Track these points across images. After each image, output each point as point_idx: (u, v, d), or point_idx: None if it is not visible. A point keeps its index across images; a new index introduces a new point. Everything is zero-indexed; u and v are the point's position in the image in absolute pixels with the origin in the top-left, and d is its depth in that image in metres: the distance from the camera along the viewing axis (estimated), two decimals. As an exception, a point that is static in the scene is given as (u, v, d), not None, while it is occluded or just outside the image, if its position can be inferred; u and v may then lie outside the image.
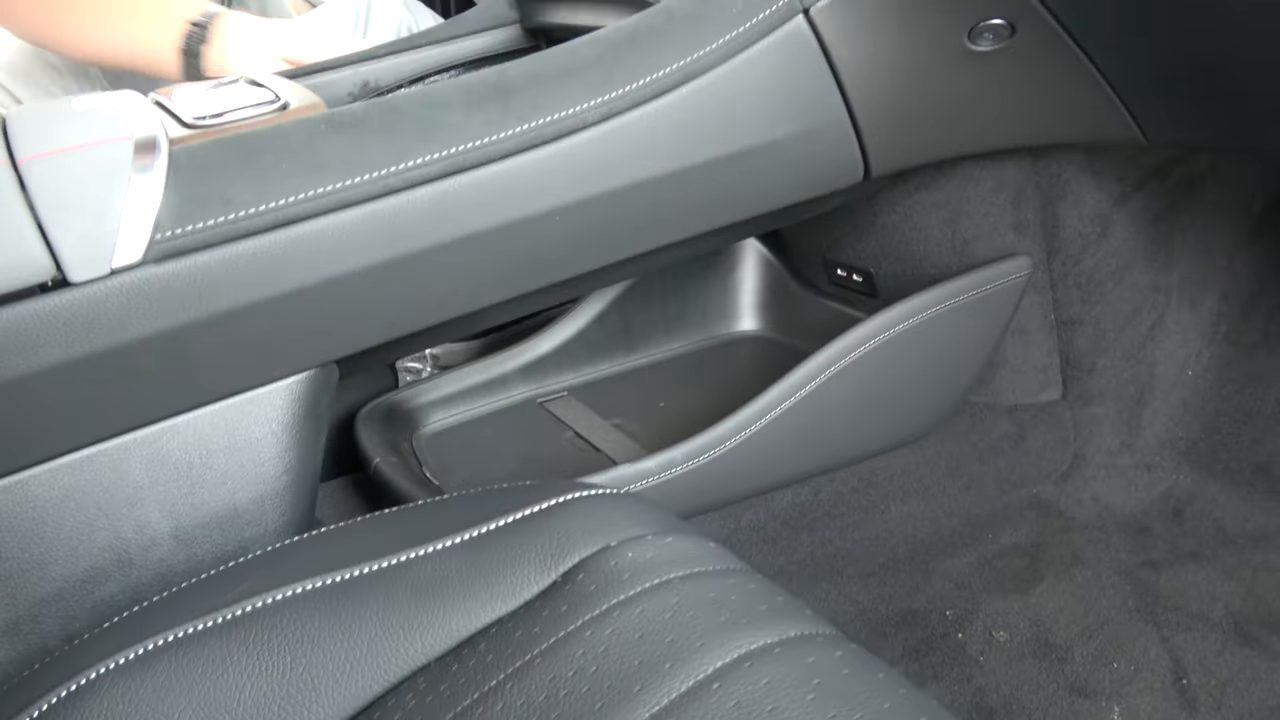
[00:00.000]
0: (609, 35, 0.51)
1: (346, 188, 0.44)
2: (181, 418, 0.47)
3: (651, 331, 0.86)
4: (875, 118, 0.57)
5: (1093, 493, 0.79)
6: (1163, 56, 0.50)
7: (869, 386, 0.70)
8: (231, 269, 0.43)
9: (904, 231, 0.74)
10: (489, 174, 0.47)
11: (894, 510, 0.74)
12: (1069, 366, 0.77)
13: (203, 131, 0.44)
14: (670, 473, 0.63)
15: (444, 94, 0.47)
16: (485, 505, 0.44)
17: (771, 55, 0.52)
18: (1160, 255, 0.75)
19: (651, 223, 0.55)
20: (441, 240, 0.47)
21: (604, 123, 0.49)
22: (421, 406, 0.75)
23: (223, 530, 0.50)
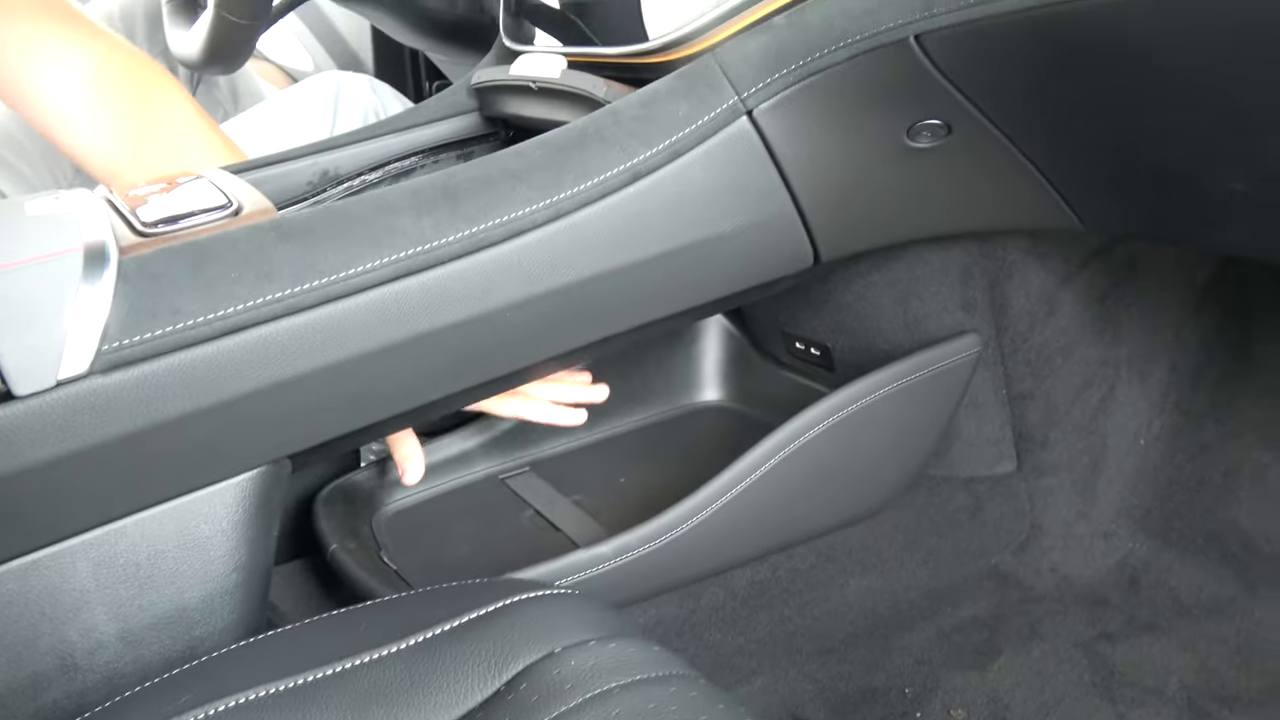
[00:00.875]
0: (557, 138, 0.52)
1: (295, 294, 0.44)
2: (129, 519, 0.47)
3: (613, 404, 0.87)
4: (821, 209, 0.59)
5: (1050, 562, 0.80)
6: (1091, 158, 0.52)
7: (826, 463, 0.71)
8: (180, 377, 0.43)
9: (858, 309, 0.76)
10: (437, 276, 0.48)
11: (853, 585, 0.74)
12: (1022, 439, 0.79)
13: (153, 239, 0.45)
14: (627, 556, 0.63)
15: (393, 198, 0.48)
16: (432, 607, 0.44)
17: (717, 155, 0.53)
18: (1108, 330, 0.77)
19: (602, 314, 0.56)
20: (390, 341, 0.48)
21: (552, 223, 0.50)
22: (382, 486, 0.75)
23: (171, 631, 0.50)
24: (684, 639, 0.68)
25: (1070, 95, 0.48)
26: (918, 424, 0.74)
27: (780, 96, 0.52)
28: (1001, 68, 0.48)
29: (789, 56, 0.51)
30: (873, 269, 0.73)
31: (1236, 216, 0.52)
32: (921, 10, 0.46)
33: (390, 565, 0.66)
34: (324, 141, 0.67)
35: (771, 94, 0.52)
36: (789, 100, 0.53)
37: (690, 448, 0.85)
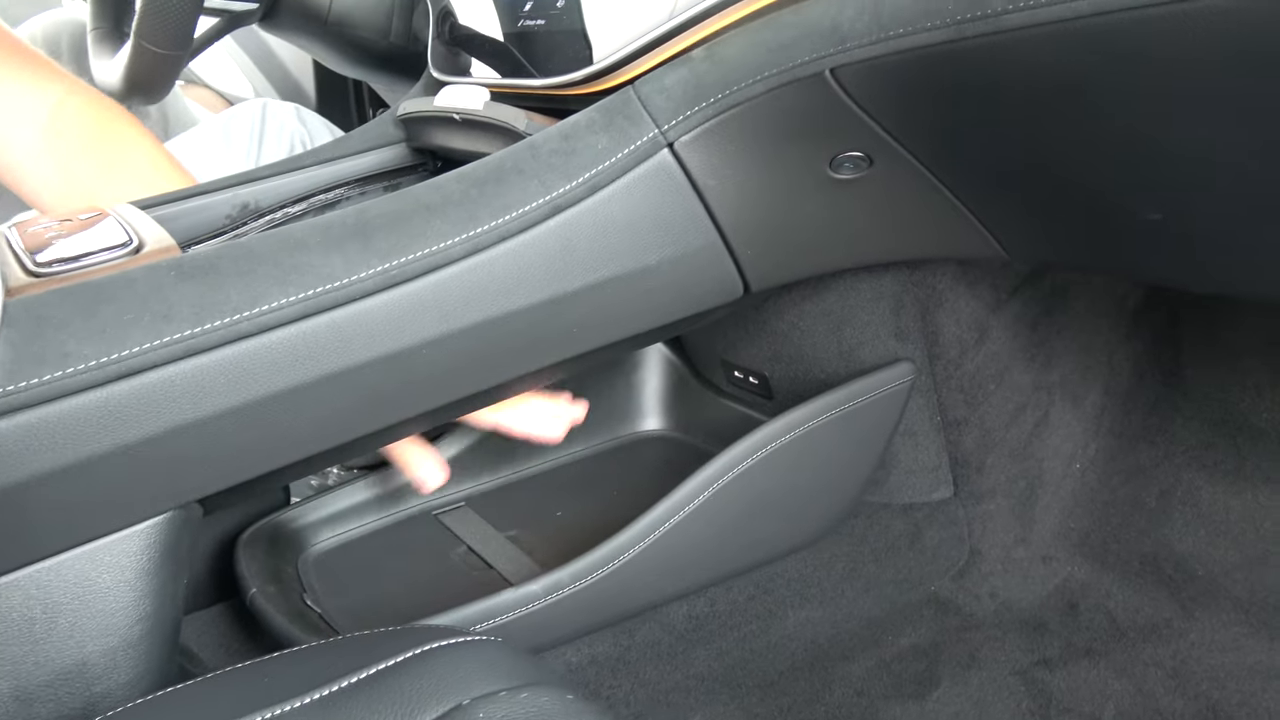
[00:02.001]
0: (474, 172, 0.51)
1: (196, 335, 0.43)
2: (21, 572, 0.45)
3: (553, 435, 0.86)
4: (747, 240, 0.58)
5: (990, 588, 0.80)
6: (1008, 188, 0.52)
7: (764, 493, 0.70)
8: (72, 423, 0.41)
9: (793, 338, 0.76)
10: (348, 314, 0.47)
11: (792, 617, 0.74)
12: (959, 465, 0.79)
13: (45, 280, 0.43)
14: (559, 594, 0.62)
15: (301, 234, 0.47)
16: (340, 659, 0.43)
17: (639, 187, 0.53)
18: (1040, 356, 0.77)
19: (525, 349, 0.55)
20: (300, 381, 0.46)
21: (469, 258, 0.49)
22: (309, 526, 0.73)
23: (70, 688, 0.47)
24: (619, 677, 0.67)
25: (982, 127, 0.48)
26: (854, 452, 0.74)
27: (701, 129, 0.52)
28: (915, 101, 0.48)
29: (707, 90, 0.51)
30: (806, 298, 0.73)
31: (1154, 246, 0.52)
32: (835, 45, 0.46)
33: (314, 609, 0.64)
34: (244, 174, 0.65)
35: (692, 126, 0.52)
36: (710, 133, 0.52)
37: (631, 479, 0.84)
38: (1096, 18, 0.37)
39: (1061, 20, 0.38)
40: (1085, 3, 0.37)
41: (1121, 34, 0.37)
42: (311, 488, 0.83)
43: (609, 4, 0.57)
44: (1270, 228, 0.43)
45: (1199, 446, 0.77)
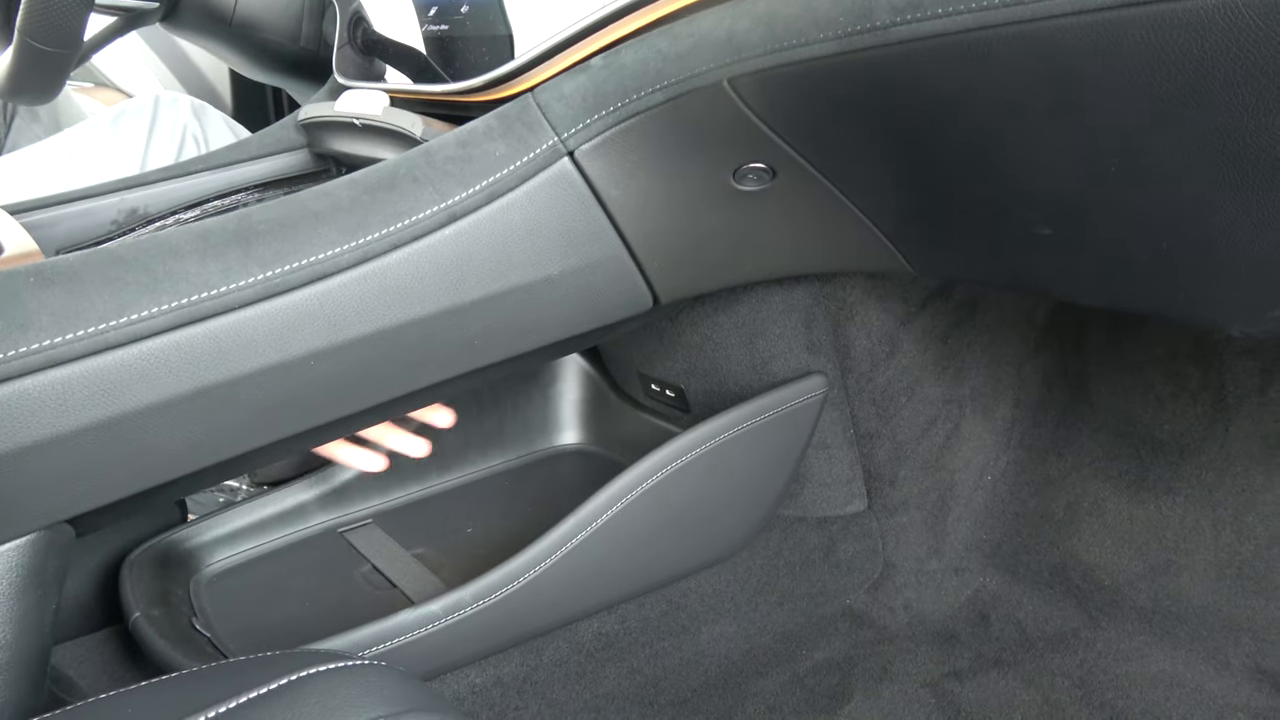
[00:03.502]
0: (366, 178, 0.50)
1: (56, 345, 0.41)
2: None
3: (466, 450, 0.84)
4: (654, 252, 0.58)
5: (904, 600, 0.80)
6: (906, 201, 0.52)
7: (676, 506, 0.69)
8: (-87, 439, 0.39)
9: (707, 350, 0.75)
10: (228, 323, 0.45)
11: (705, 632, 0.73)
12: (872, 478, 0.79)
13: (-111, 286, 0.40)
14: (460, 614, 0.60)
15: (176, 241, 0.44)
16: (212, 685, 0.40)
17: (539, 196, 0.52)
18: (950, 369, 0.78)
19: (424, 360, 0.53)
20: (175, 394, 0.44)
21: (358, 266, 0.48)
22: (205, 544, 0.70)
23: (-82, 723, 0.44)
24: (525, 698, 0.65)
25: (875, 140, 0.48)
26: (768, 465, 0.74)
27: (601, 138, 0.51)
28: (813, 112, 0.48)
29: (607, 98, 0.50)
30: (719, 310, 0.73)
31: (1047, 261, 0.53)
32: (731, 55, 0.46)
33: (203, 633, 0.61)
34: (133, 177, 0.63)
35: (592, 135, 0.51)
36: (610, 142, 0.51)
37: (547, 493, 0.83)
38: (978, 32, 0.37)
39: (945, 34, 0.38)
40: (969, 17, 0.38)
41: (1001, 49, 0.37)
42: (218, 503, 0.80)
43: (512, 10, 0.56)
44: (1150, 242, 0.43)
45: (1104, 458, 0.79)
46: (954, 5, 0.38)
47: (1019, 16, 0.36)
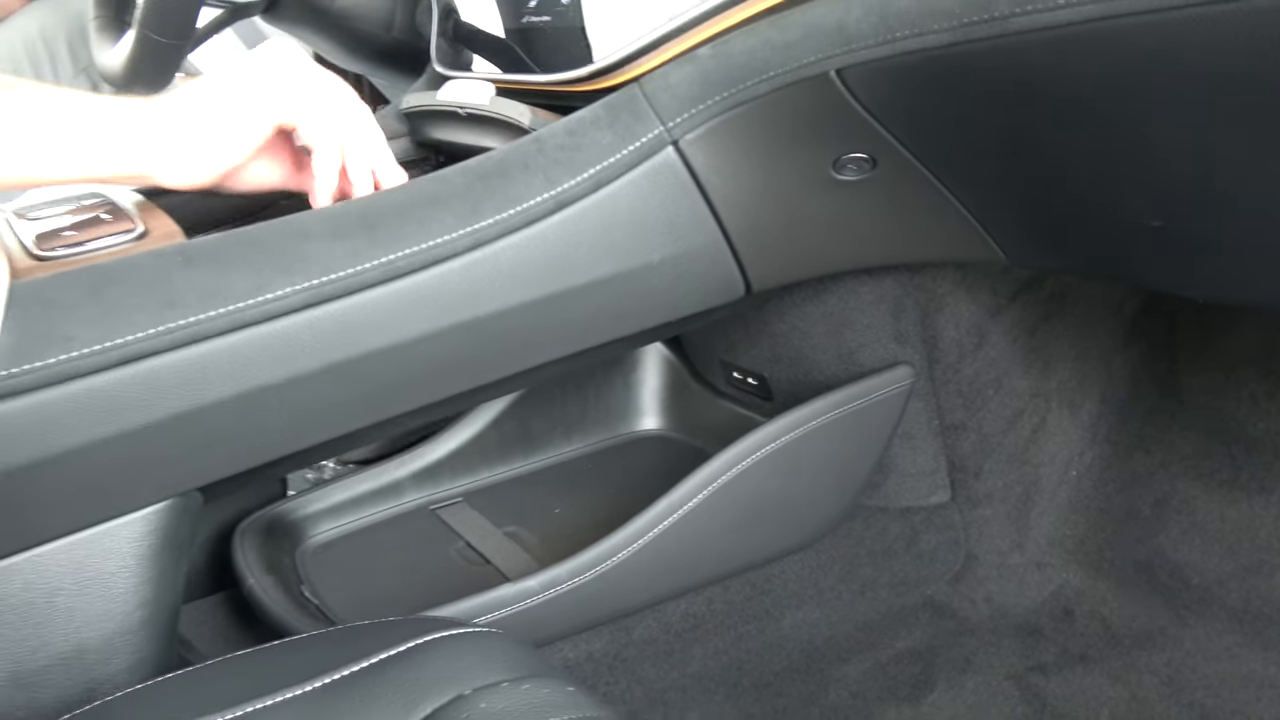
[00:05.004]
0: (479, 165, 0.51)
1: (199, 321, 0.43)
2: (21, 556, 0.45)
3: (551, 433, 0.86)
4: (750, 240, 0.59)
5: (985, 593, 0.80)
6: (1010, 193, 0.53)
7: (761, 494, 0.70)
8: (75, 407, 0.41)
9: (793, 340, 0.76)
10: (352, 304, 0.47)
11: (789, 617, 0.74)
12: (956, 470, 0.79)
13: (50, 264, 0.43)
14: (555, 590, 0.62)
15: (307, 224, 0.47)
16: (340, 647, 0.43)
17: (643, 184, 0.53)
18: (1038, 362, 0.77)
19: (527, 344, 0.55)
20: (302, 371, 0.46)
21: (472, 251, 0.49)
22: (308, 517, 0.73)
23: (68, 672, 0.47)
24: (615, 674, 0.67)
25: (985, 131, 0.48)
26: (852, 454, 0.74)
27: (705, 127, 0.52)
28: (920, 103, 0.48)
29: (713, 87, 0.51)
30: (806, 300, 0.73)
31: (1154, 253, 0.52)
32: (841, 45, 0.46)
33: (312, 600, 0.64)
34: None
35: (697, 124, 0.52)
36: (714, 131, 0.52)
37: (628, 477, 0.84)
38: (1102, 22, 0.37)
39: (1067, 24, 0.39)
40: (1091, 7, 0.38)
41: (1126, 39, 0.37)
42: (308, 481, 0.83)
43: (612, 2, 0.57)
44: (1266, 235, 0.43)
45: (1195, 456, 0.77)
46: (1077, -6, 0.38)
47: (1147, 6, 0.36)
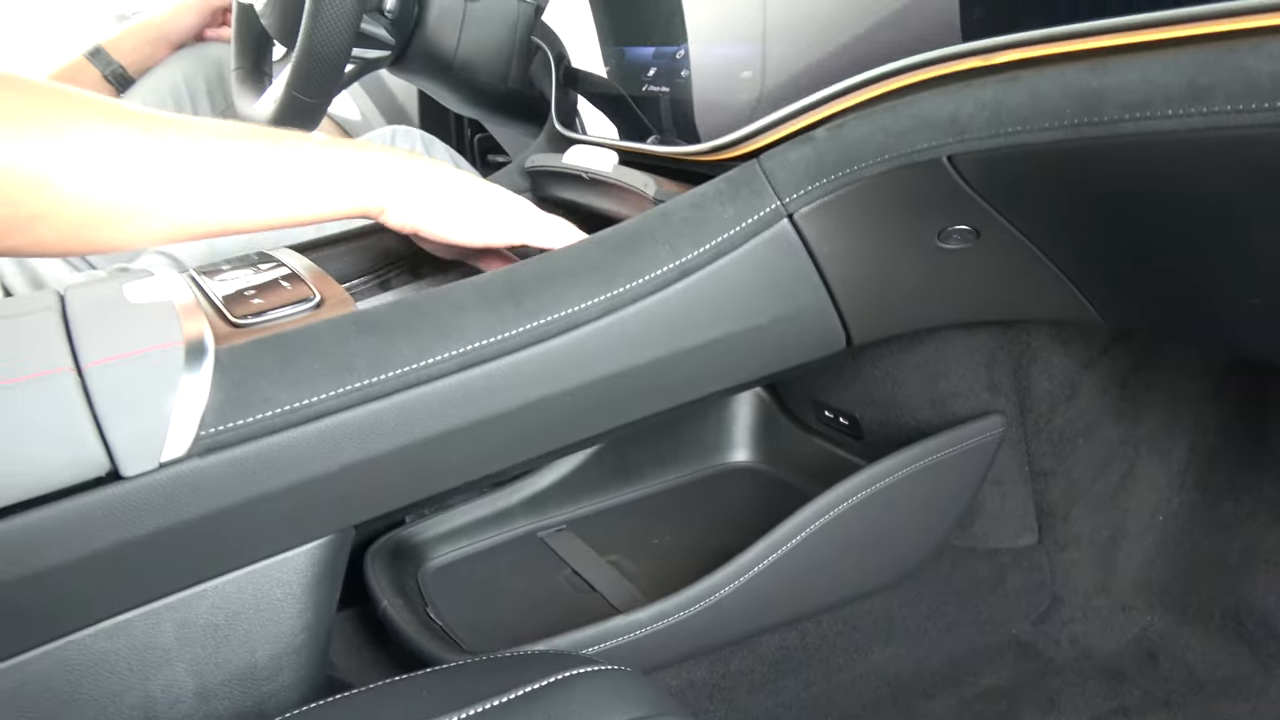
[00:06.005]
0: (612, 237, 0.56)
1: (372, 384, 0.49)
2: (211, 583, 0.51)
3: (648, 465, 0.91)
4: (854, 299, 0.62)
5: (1070, 634, 0.82)
6: (1113, 266, 0.55)
7: (855, 534, 0.74)
8: (267, 459, 0.47)
9: (887, 385, 0.79)
10: (500, 366, 0.52)
11: (877, 652, 0.77)
12: (1044, 514, 0.81)
13: (244, 330, 0.49)
14: (662, 623, 0.66)
15: (462, 296, 0.52)
16: (489, 678, 0.48)
17: (759, 253, 0.57)
18: (1128, 412, 0.79)
19: (645, 396, 0.60)
20: (456, 425, 0.52)
21: (605, 317, 0.54)
22: (427, 541, 0.79)
23: (242, 687, 0.53)
24: (714, 703, 0.71)
25: (1093, 215, 0.51)
26: (943, 498, 0.77)
27: (819, 202, 0.56)
28: (1028, 187, 0.51)
29: (828, 167, 0.55)
30: (903, 349, 0.77)
31: (1252, 324, 0.55)
32: (954, 135, 0.50)
33: (437, 622, 0.70)
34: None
35: (811, 200, 0.56)
36: (827, 205, 0.56)
37: (721, 508, 0.88)
38: (1210, 132, 0.40)
39: (1173, 132, 0.42)
40: (1199, 119, 0.41)
41: (1232, 149, 0.40)
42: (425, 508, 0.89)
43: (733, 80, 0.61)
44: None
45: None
46: (1185, 108, 0.41)
47: (1251, 122, 0.39)
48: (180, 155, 0.49)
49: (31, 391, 0.43)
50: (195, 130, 0.51)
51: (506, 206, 0.60)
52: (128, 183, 0.48)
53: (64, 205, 0.47)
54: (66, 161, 0.46)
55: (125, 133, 0.48)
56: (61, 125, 0.46)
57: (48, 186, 0.46)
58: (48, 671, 0.47)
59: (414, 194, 0.57)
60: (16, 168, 0.45)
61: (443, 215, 0.58)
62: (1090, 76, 0.44)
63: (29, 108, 0.46)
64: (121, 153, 0.48)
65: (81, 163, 0.47)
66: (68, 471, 0.43)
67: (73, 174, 0.46)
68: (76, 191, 0.47)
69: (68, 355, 0.45)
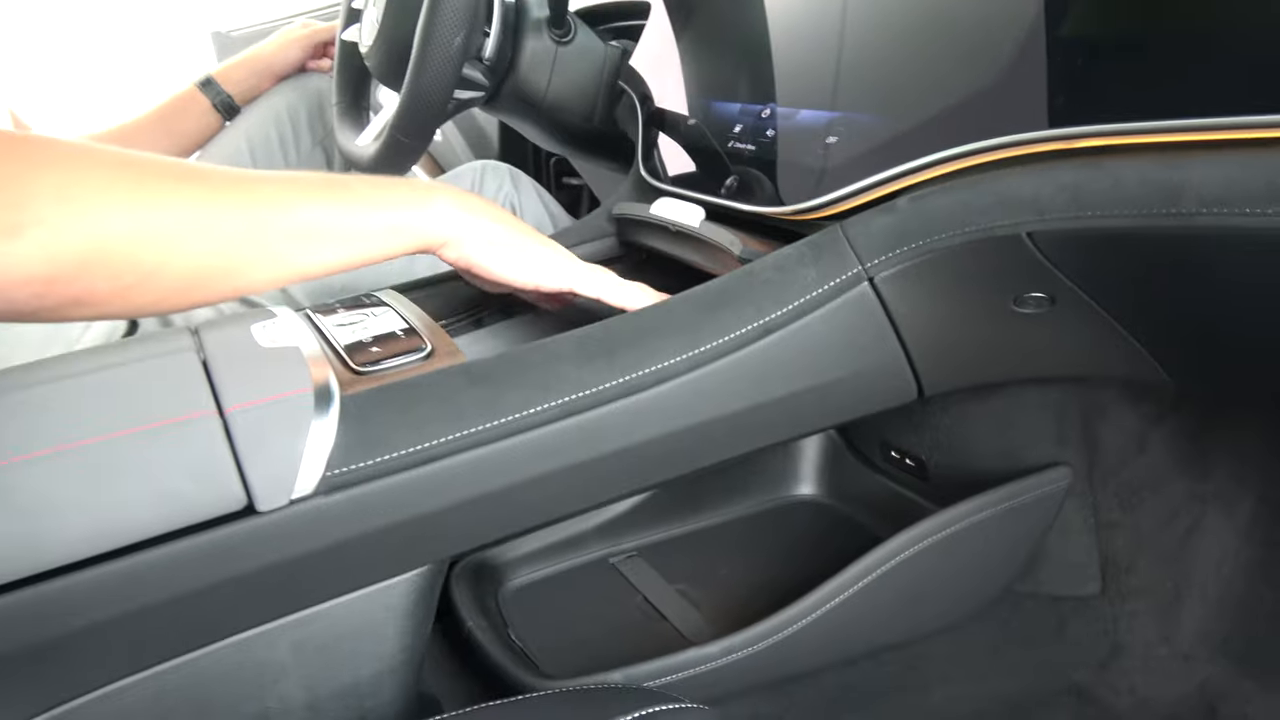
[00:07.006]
0: (700, 296, 0.60)
1: (481, 431, 0.53)
2: (323, 606, 0.56)
3: (715, 495, 0.94)
4: (928, 355, 0.65)
5: (1130, 683, 0.83)
6: (1188, 334, 0.57)
7: (922, 576, 0.76)
8: (383, 498, 0.52)
9: (956, 431, 0.81)
10: (592, 416, 0.56)
11: (938, 692, 0.79)
12: (1108, 564, 0.83)
13: (364, 378, 0.54)
14: (731, 657, 0.69)
15: (560, 348, 0.56)
16: (581, 709, 0.52)
17: (839, 314, 0.60)
18: (1196, 466, 0.80)
19: (725, 442, 0.63)
20: (550, 469, 0.56)
21: (691, 372, 0.58)
22: (507, 563, 0.83)
23: (347, 703, 0.58)
24: (777, 734, 0.74)
25: (1168, 290, 0.53)
26: (1009, 544, 0.79)
27: (899, 268, 0.59)
28: (1105, 264, 0.53)
29: (910, 236, 0.58)
30: (973, 399, 0.79)
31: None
32: (1035, 214, 0.52)
33: (518, 644, 0.74)
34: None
35: (892, 266, 0.59)
36: (906, 271, 0.59)
37: (785, 541, 0.91)
38: (1285, 232, 0.42)
39: (1252, 229, 0.44)
40: (1277, 218, 0.43)
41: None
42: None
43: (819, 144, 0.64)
44: None
45: (1354, 563, 0.79)
46: (1262, 207, 0.43)
47: (1327, 226, 0.41)
48: (262, 214, 0.53)
49: (181, 432, 0.48)
50: (272, 186, 0.55)
51: (552, 253, 0.64)
52: (217, 246, 0.52)
53: (160, 272, 0.50)
54: (163, 233, 0.49)
55: (213, 199, 0.52)
56: (158, 198, 0.49)
57: (145, 257, 0.49)
58: (183, 681, 0.52)
59: (470, 234, 0.62)
60: (119, 239, 0.48)
61: (494, 256, 0.63)
62: (1170, 170, 0.46)
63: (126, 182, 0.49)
64: (211, 219, 0.51)
65: (176, 233, 0.50)
66: (211, 506, 0.48)
67: (168, 244, 0.50)
68: (172, 259, 0.50)
69: (210, 399, 0.50)
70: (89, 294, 0.48)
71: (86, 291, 0.48)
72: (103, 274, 0.48)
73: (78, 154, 0.48)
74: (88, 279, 0.47)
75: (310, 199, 0.55)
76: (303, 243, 0.55)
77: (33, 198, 0.45)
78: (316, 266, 0.56)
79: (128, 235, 0.48)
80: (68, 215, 0.46)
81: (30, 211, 0.45)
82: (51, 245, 0.45)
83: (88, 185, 0.47)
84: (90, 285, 0.47)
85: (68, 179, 0.46)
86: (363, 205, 0.57)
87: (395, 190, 0.60)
